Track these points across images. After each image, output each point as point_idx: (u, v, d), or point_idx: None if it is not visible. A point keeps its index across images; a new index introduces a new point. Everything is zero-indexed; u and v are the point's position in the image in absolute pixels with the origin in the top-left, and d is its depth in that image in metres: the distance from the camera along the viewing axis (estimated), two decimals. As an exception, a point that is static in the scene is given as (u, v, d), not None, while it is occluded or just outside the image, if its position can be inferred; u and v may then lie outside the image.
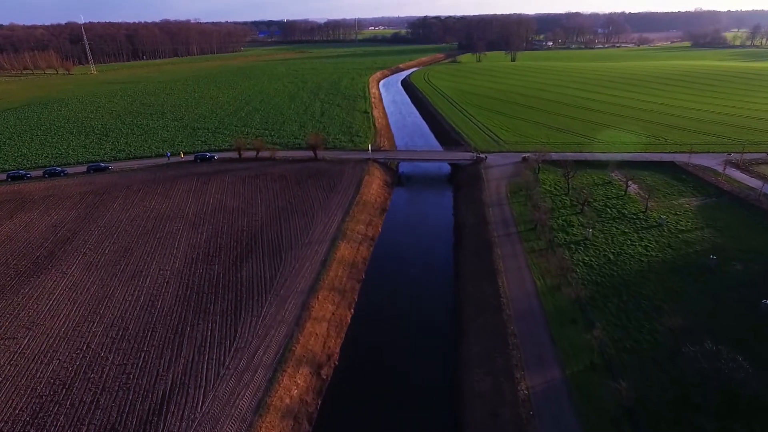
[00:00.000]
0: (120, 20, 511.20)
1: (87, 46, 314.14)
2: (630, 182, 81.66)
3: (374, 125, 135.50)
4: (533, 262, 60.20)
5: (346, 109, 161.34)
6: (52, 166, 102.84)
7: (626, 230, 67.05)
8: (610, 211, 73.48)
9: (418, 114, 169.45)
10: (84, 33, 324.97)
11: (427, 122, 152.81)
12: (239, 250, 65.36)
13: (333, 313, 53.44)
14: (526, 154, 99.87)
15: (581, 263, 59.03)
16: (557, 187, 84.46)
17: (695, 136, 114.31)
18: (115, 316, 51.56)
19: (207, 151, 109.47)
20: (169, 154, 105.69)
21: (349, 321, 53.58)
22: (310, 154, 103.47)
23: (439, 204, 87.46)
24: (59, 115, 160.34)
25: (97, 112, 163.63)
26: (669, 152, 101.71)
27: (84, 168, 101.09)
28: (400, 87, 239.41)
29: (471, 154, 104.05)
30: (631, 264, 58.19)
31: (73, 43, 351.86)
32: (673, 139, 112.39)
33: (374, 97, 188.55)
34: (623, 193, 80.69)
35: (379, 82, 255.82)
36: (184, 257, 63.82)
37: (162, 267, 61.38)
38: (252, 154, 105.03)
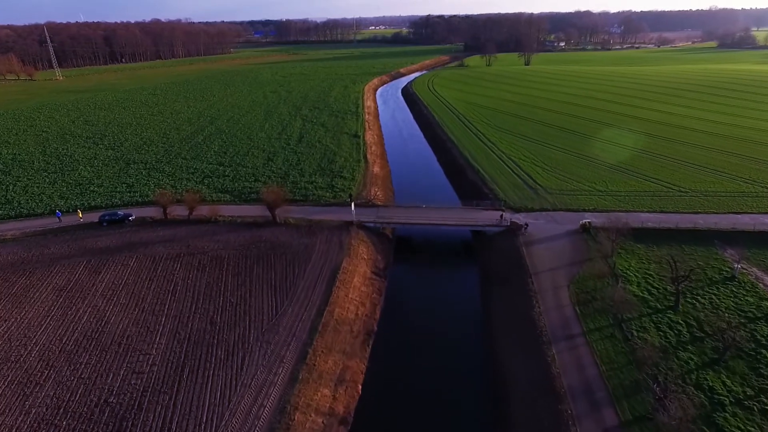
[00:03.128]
0: (115, 20, 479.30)
1: (51, 49, 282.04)
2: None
3: (365, 157, 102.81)
4: None
5: (332, 130, 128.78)
6: None
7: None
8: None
9: (422, 136, 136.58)
10: (47, 34, 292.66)
11: (434, 150, 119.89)
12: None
13: None
14: (586, 218, 67.42)
15: None
16: (654, 288, 51.78)
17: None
18: None
19: (120, 210, 76.62)
20: (60, 215, 73.20)
21: None
22: (267, 212, 70.97)
23: (461, 315, 54.41)
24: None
25: (21, 135, 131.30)
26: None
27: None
28: (401, 97, 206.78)
29: (500, 212, 71.50)
30: None
31: (43, 45, 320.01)
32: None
33: (369, 113, 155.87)
34: (760, 299, 48.09)
35: (376, 90, 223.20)
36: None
37: None
38: (188, 210, 72.66)
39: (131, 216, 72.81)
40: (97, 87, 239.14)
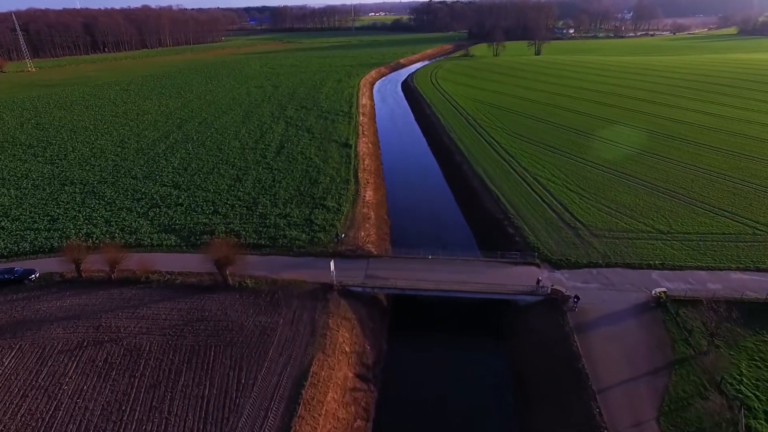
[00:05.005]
0: (102, 6, 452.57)
1: (21, 38, 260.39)
2: None
3: (356, 176, 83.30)
4: None
5: (319, 137, 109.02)
6: None
7: None
8: None
9: (425, 144, 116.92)
10: (16, 21, 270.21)
11: (440, 164, 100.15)
12: None
13: None
14: (654, 279, 48.50)
15: None
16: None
17: None
18: None
19: (18, 265, 56.98)
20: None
21: None
22: (219, 270, 51.83)
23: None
24: None
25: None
26: None
27: None
28: (400, 93, 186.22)
29: (533, 268, 52.53)
30: None
31: (15, 33, 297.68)
32: None
33: (363, 114, 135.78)
34: None
35: (373, 85, 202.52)
36: None
37: None
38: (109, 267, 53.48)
39: (34, 274, 53.57)
40: (69, 80, 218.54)
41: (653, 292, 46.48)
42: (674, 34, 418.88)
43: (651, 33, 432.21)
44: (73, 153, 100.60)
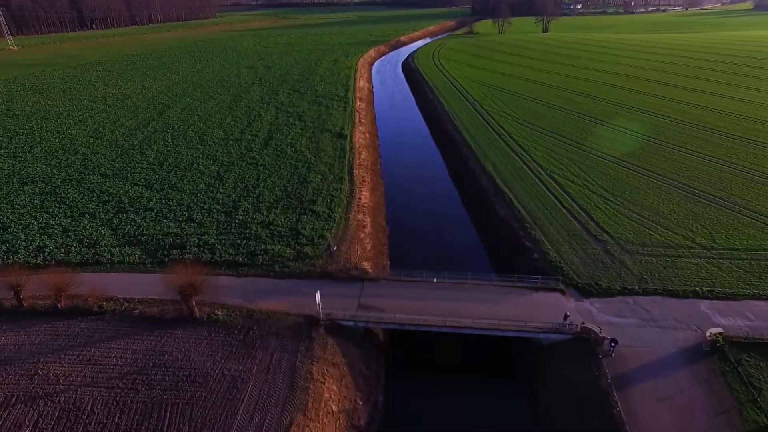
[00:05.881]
0: None
1: (1, 14, 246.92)
2: None
3: (350, 174, 74.43)
4: None
5: (311, 126, 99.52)
6: None
7: None
8: None
9: (428, 132, 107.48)
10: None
11: (444, 157, 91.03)
12: None
13: None
14: (705, 312, 40.46)
15: None
16: None
17: None
18: None
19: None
20: None
21: None
22: (184, 300, 43.65)
23: None
24: None
25: None
26: None
27: None
28: (401, 74, 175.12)
29: (556, 294, 44.41)
30: None
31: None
32: None
33: (361, 99, 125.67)
34: None
35: (372, 65, 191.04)
36: None
37: None
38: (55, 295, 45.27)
39: (-34, 302, 45.51)
40: (50, 60, 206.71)
41: (707, 333, 38.26)
42: (687, 9, 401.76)
43: (662, 8, 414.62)
44: (41, 144, 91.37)
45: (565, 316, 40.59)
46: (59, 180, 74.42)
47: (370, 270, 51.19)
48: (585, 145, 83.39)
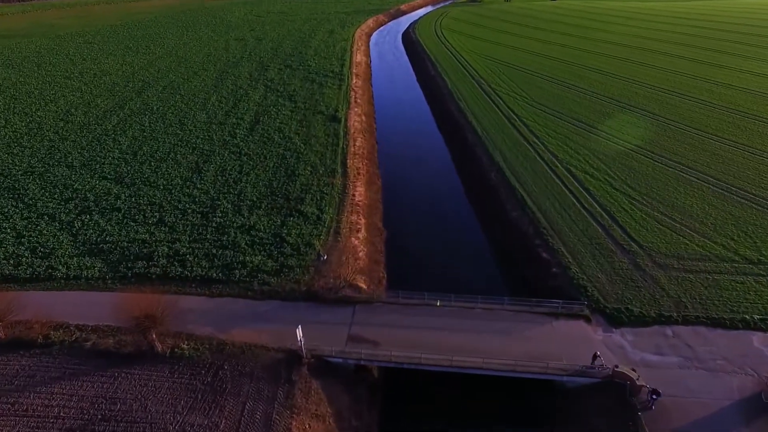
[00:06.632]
0: None
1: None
2: None
3: (343, 164, 66.74)
4: None
5: (303, 107, 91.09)
6: None
7: None
8: None
9: (429, 113, 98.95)
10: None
11: (448, 144, 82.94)
12: None
13: None
14: (759, 348, 33.90)
15: None
16: None
17: None
18: None
19: None
20: None
21: None
22: (142, 334, 37.10)
23: None
24: None
25: None
26: None
27: None
28: (401, 46, 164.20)
29: (580, 322, 37.92)
30: None
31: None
32: None
33: (357, 75, 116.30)
34: None
35: (370, 36, 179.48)
36: None
37: None
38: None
39: None
40: (29, 30, 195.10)
41: (767, 379, 31.89)
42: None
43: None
44: (5, 129, 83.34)
45: (594, 357, 34.09)
46: (20, 172, 66.88)
47: (364, 286, 44.47)
48: (603, 131, 75.41)
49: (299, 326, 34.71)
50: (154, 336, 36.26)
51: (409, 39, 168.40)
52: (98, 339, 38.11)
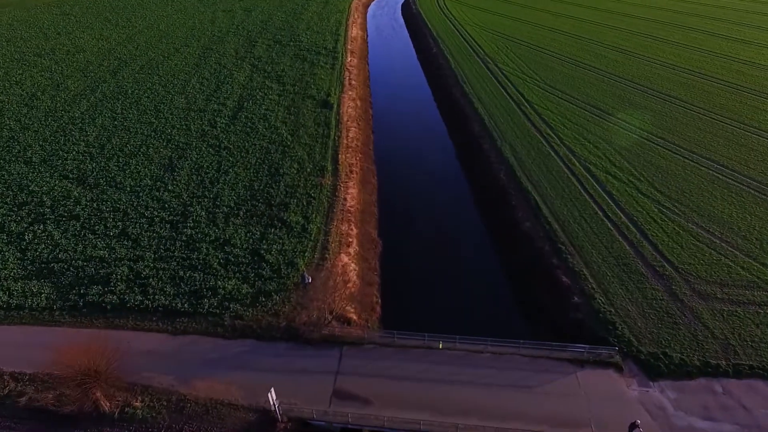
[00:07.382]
0: None
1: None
2: None
3: (334, 160, 59.43)
4: None
5: (292, 90, 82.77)
6: None
7: None
8: None
9: (430, 95, 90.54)
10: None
11: (452, 136, 74.95)
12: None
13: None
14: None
15: None
16: None
17: None
18: None
19: None
20: None
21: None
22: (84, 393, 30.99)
23: None
24: None
25: None
26: None
27: None
28: (400, 18, 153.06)
29: (614, 377, 31.71)
30: None
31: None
32: None
33: (353, 53, 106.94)
34: None
35: (368, 6, 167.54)
36: None
37: None
38: None
39: None
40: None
41: None
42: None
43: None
44: (-39, 117, 75.44)
45: (633, 426, 28.00)
46: (-30, 171, 59.66)
47: (355, 317, 38.18)
48: (623, 120, 67.64)
49: (272, 389, 28.44)
50: (98, 394, 30.13)
51: (409, 10, 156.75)
52: (35, 393, 32.03)
